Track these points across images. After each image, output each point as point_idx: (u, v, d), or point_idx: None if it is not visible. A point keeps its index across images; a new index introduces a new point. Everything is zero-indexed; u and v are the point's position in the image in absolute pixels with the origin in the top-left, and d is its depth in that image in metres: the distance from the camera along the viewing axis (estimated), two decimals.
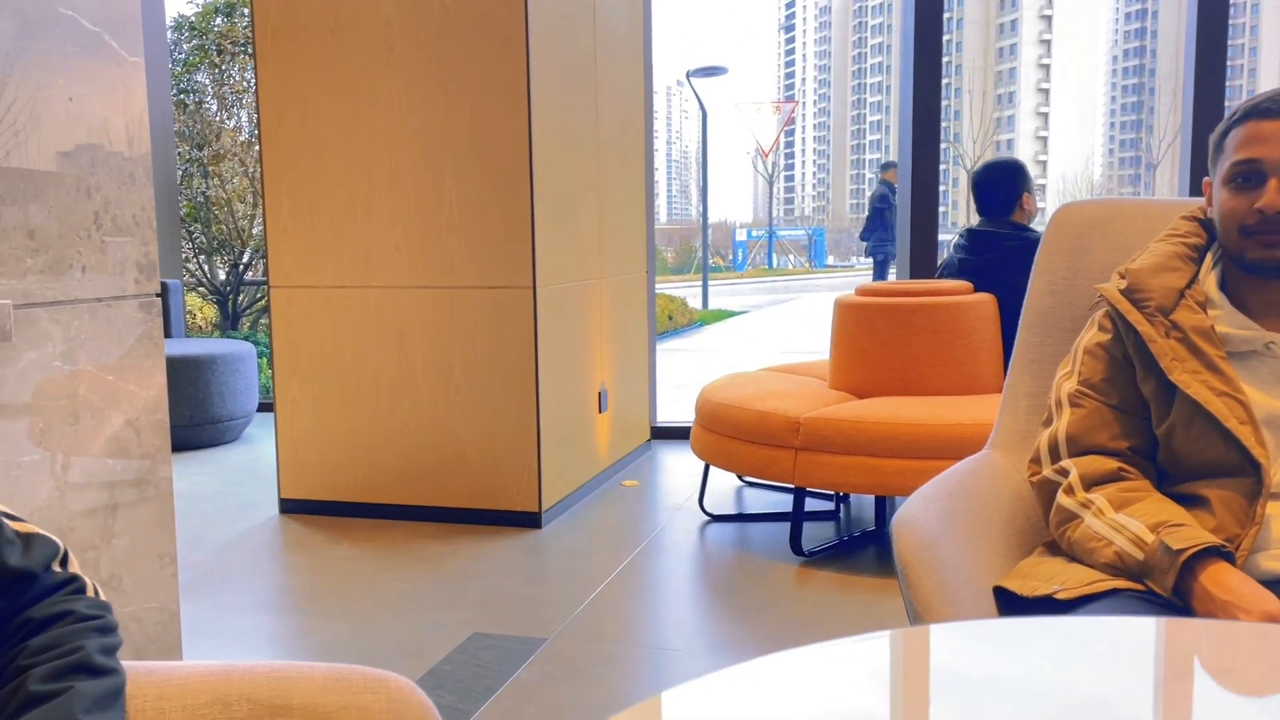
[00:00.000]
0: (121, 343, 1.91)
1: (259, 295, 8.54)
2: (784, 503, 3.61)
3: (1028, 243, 3.25)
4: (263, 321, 8.50)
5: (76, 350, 1.81)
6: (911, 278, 4.32)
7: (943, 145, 4.37)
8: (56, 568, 0.84)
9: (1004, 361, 3.22)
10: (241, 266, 8.41)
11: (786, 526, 3.29)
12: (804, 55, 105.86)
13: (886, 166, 10.08)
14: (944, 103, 4.49)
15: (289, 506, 3.70)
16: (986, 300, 3.20)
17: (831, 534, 3.33)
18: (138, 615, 1.97)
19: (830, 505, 3.57)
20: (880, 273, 9.99)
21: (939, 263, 4.09)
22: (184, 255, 7.93)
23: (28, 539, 0.83)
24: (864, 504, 3.67)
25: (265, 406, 5.60)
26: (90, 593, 0.86)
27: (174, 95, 7.76)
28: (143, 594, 1.98)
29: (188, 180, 8.12)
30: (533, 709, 2.14)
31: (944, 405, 2.94)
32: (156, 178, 5.26)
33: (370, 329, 3.55)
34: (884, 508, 3.32)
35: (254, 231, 8.20)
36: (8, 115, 1.66)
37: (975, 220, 3.54)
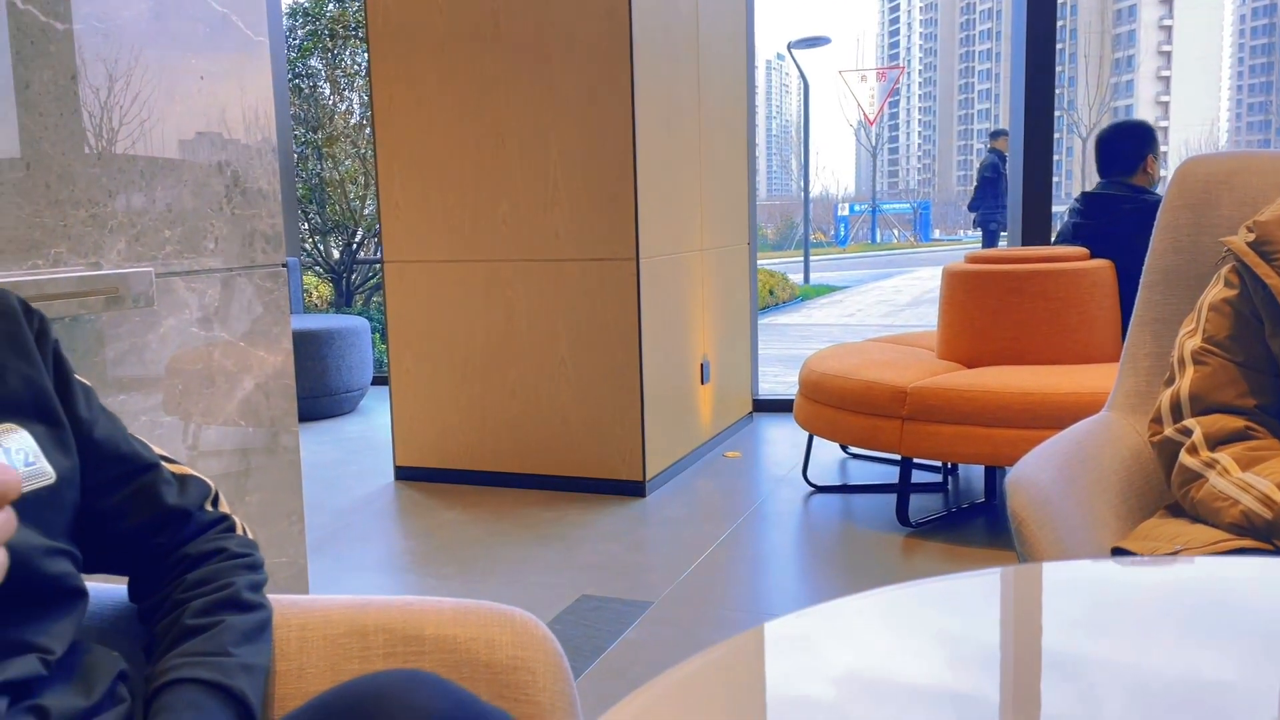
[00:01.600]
0: (251, 311, 2.01)
1: (371, 273, 8.81)
2: (889, 474, 3.57)
3: (1146, 205, 3.13)
4: (374, 299, 8.77)
5: (210, 318, 1.92)
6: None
7: (1055, 113, 4.22)
8: (209, 507, 0.91)
9: (1122, 329, 3.12)
10: (354, 245, 8.69)
11: (892, 498, 3.26)
12: (908, 24, 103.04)
13: (996, 134, 9.77)
14: (1057, 68, 4.33)
15: (403, 474, 3.84)
16: (1103, 266, 3.10)
17: (939, 505, 3.28)
18: (270, 570, 2.08)
19: (938, 477, 3.51)
20: (990, 243, 9.72)
21: (1054, 234, 3.97)
22: (300, 235, 8.24)
23: (183, 480, 0.90)
24: (972, 476, 3.61)
25: (379, 380, 5.79)
26: (239, 531, 0.92)
27: (289, 80, 8.04)
28: (274, 550, 2.09)
29: (303, 162, 8.41)
30: (641, 668, 2.18)
31: (1059, 374, 2.86)
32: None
33: (478, 301, 3.64)
34: (994, 479, 3.25)
35: (365, 212, 8.45)
36: (144, 93, 1.76)
37: (1091, 188, 3.43)
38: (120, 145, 1.72)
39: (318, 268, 8.92)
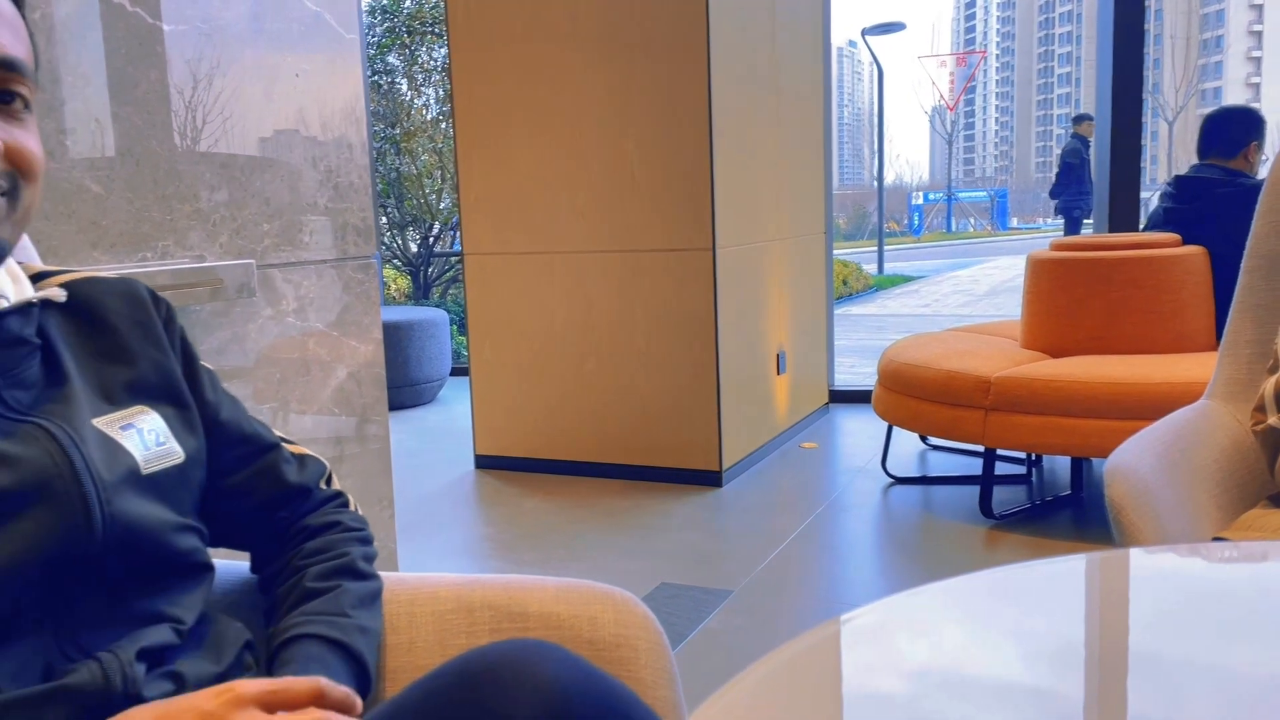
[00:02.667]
0: (343, 302, 2.07)
1: (447, 266, 8.95)
2: (970, 466, 3.52)
3: (1243, 190, 3.02)
4: (450, 291, 8.91)
5: (306, 308, 1.98)
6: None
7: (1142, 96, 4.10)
8: (324, 485, 0.95)
9: (1216, 317, 3.02)
10: (432, 239, 8.83)
11: (973, 490, 3.21)
12: (985, 6, 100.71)
13: (1079, 119, 9.51)
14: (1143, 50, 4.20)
15: (483, 462, 3.91)
16: (1197, 253, 3.01)
17: (1023, 497, 3.23)
18: None
19: (1021, 469, 3.45)
20: (1073, 230, 9.47)
21: (1142, 220, 3.86)
22: (379, 229, 8.41)
23: (301, 459, 0.94)
24: (1057, 467, 3.54)
25: (456, 370, 5.89)
26: (351, 508, 0.96)
27: (369, 76, 8.20)
28: None
29: (382, 158, 8.57)
30: (721, 655, 2.19)
31: (1149, 363, 2.79)
32: None
33: (556, 292, 3.68)
34: (1081, 471, 3.19)
35: (441, 206, 8.59)
36: (243, 92, 1.82)
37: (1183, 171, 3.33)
38: (222, 142, 1.79)
39: (396, 261, 9.09)
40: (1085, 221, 9.28)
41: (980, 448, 3.21)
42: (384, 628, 0.89)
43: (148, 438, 0.79)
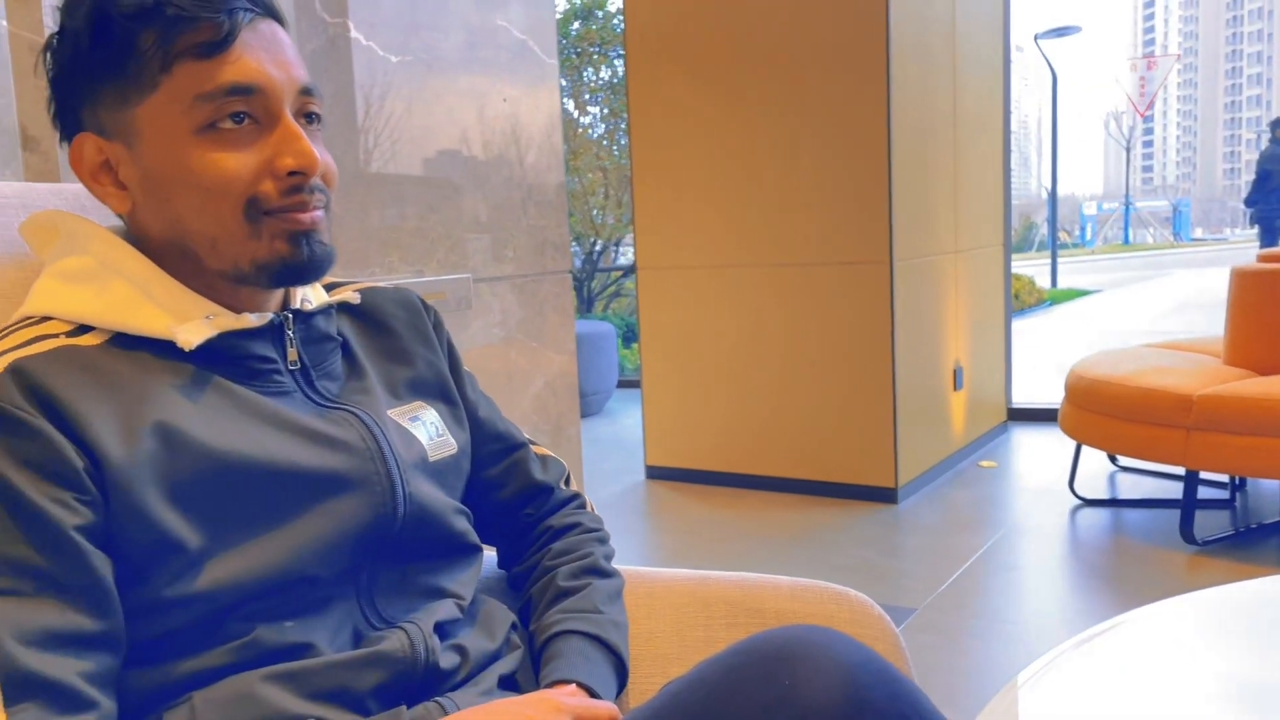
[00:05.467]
0: (542, 314, 2.17)
1: (610, 281, 9.14)
2: (1165, 489, 3.35)
3: None
4: (612, 306, 9.10)
5: (509, 320, 2.09)
6: None
7: None
8: (563, 485, 1.01)
9: None
10: (595, 255, 9.05)
11: (1169, 514, 3.05)
12: (1165, 6, 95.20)
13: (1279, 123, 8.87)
14: None
15: (654, 473, 3.98)
16: None
17: (1226, 523, 3.04)
18: None
19: (1224, 493, 3.25)
20: (1271, 240, 8.83)
21: None
22: None
23: (544, 459, 1.00)
24: (1264, 492, 3.31)
25: (621, 383, 6.01)
26: (588, 509, 1.02)
27: None
28: None
29: None
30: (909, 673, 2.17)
31: None
32: None
33: (728, 306, 3.71)
34: None
35: (605, 222, 8.79)
36: (458, 115, 1.95)
37: None
38: (438, 164, 1.91)
39: None
40: None
41: (1179, 469, 3.05)
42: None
43: (430, 429, 0.87)
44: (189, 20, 0.71)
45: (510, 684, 0.84)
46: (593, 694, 0.79)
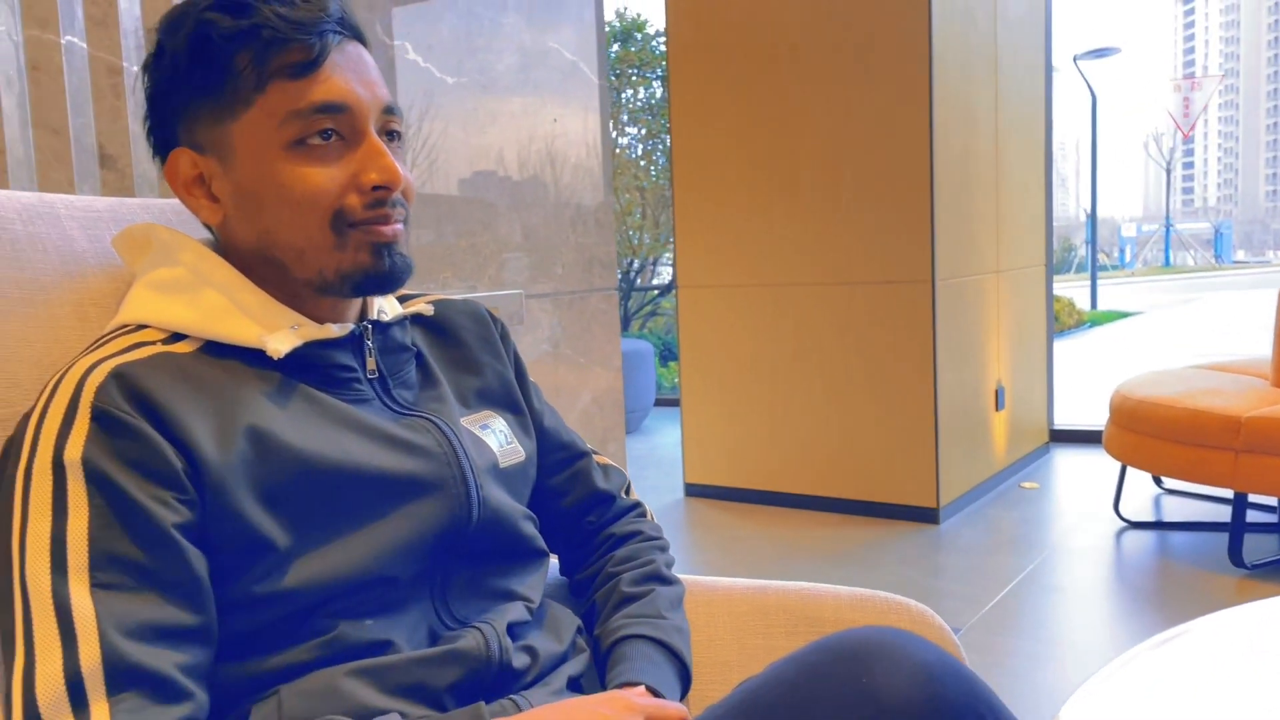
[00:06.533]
0: (589, 330, 2.20)
1: (646, 300, 9.18)
2: (1213, 512, 3.30)
3: None
4: (649, 324, 9.13)
5: (557, 335, 2.12)
6: None
7: None
8: (624, 494, 1.03)
9: None
10: (632, 274, 9.09)
11: (1217, 537, 3.01)
12: (1205, 27, 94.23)
13: None
14: None
15: (693, 490, 3.98)
16: None
17: (1275, 547, 3.00)
18: None
19: (1273, 516, 3.21)
20: None
21: None
22: None
23: (606, 468, 1.03)
24: None
25: (658, 400, 6.02)
26: (648, 518, 1.03)
27: None
28: None
29: None
30: None
31: None
32: None
33: (768, 324, 3.73)
34: None
35: (641, 242, 8.83)
36: (510, 135, 1.98)
37: None
38: (491, 182, 1.95)
39: None
40: None
41: (1226, 492, 3.01)
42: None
43: (499, 436, 0.89)
44: (283, 42, 0.75)
45: (577, 686, 0.86)
46: (659, 697, 0.81)
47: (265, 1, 0.75)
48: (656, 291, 9.33)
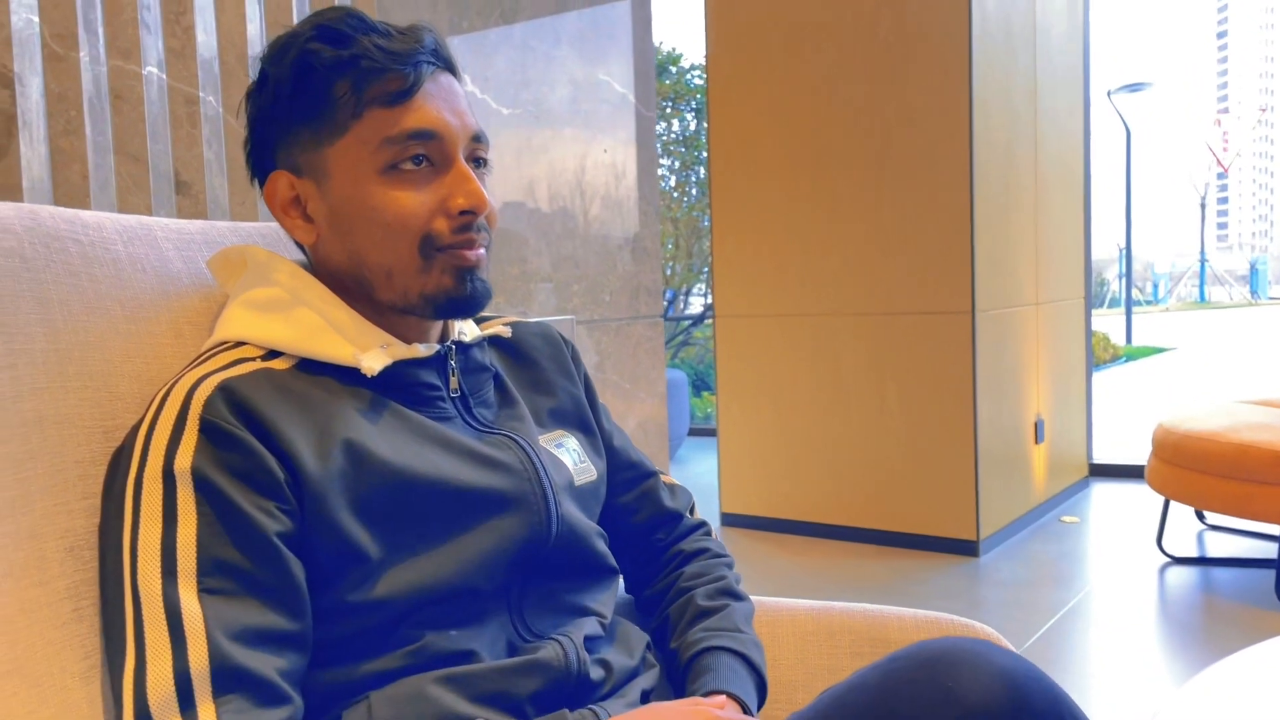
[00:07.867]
0: (635, 356, 2.22)
1: (679, 330, 9.21)
2: (1256, 548, 3.26)
3: None
4: (681, 354, 9.15)
5: (605, 361, 2.14)
6: None
7: None
8: (689, 514, 1.05)
9: None
10: (665, 304, 9.14)
11: (1263, 574, 2.97)
12: (1240, 62, 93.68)
13: None
14: None
15: (729, 520, 3.98)
16: None
17: None
18: None
19: None
20: None
21: None
22: None
23: (673, 488, 1.05)
24: None
25: (692, 430, 6.02)
26: (714, 536, 1.05)
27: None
28: None
29: None
30: None
31: None
32: None
33: (806, 354, 3.73)
34: None
35: (673, 272, 8.87)
36: (560, 165, 2.02)
37: None
38: (542, 211, 1.99)
39: None
40: None
41: (1273, 528, 2.98)
42: None
43: (573, 454, 0.91)
44: (380, 71, 0.79)
45: (648, 700, 0.87)
46: (744, 706, 0.82)
47: (365, 33, 0.79)
48: (689, 322, 9.36)
